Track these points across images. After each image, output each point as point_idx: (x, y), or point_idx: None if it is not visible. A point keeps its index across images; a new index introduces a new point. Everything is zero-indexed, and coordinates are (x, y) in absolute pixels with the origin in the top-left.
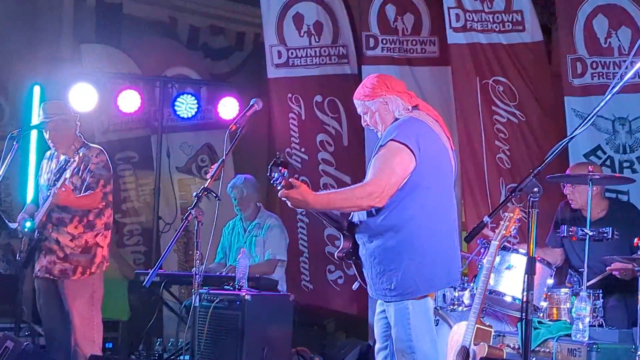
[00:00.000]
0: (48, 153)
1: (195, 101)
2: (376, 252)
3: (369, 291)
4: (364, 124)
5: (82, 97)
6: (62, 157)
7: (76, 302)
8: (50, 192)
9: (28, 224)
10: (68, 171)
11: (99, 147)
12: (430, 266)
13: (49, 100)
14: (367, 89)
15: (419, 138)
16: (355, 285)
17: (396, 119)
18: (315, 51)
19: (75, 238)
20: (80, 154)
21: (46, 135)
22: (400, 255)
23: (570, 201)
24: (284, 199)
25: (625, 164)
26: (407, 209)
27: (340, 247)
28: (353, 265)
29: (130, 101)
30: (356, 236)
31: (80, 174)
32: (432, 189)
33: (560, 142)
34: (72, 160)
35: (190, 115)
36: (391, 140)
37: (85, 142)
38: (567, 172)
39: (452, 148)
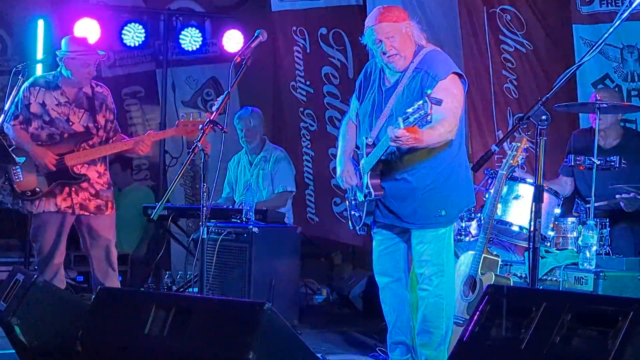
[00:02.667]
0: (44, 81)
1: (200, 34)
2: (414, 183)
3: (399, 223)
4: (387, 49)
5: (87, 31)
6: (80, 92)
7: (110, 236)
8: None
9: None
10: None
11: (104, 84)
12: (458, 193)
13: (53, 34)
14: (397, 11)
15: None
16: None
17: (418, 47)
18: None
19: (102, 175)
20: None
21: (75, 72)
22: (434, 184)
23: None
24: (401, 138)
25: (633, 93)
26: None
27: (375, 188)
28: None
29: (134, 35)
30: (391, 173)
31: (102, 113)
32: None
33: (568, 70)
34: (109, 106)
35: (194, 49)
36: (453, 73)
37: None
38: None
39: None
